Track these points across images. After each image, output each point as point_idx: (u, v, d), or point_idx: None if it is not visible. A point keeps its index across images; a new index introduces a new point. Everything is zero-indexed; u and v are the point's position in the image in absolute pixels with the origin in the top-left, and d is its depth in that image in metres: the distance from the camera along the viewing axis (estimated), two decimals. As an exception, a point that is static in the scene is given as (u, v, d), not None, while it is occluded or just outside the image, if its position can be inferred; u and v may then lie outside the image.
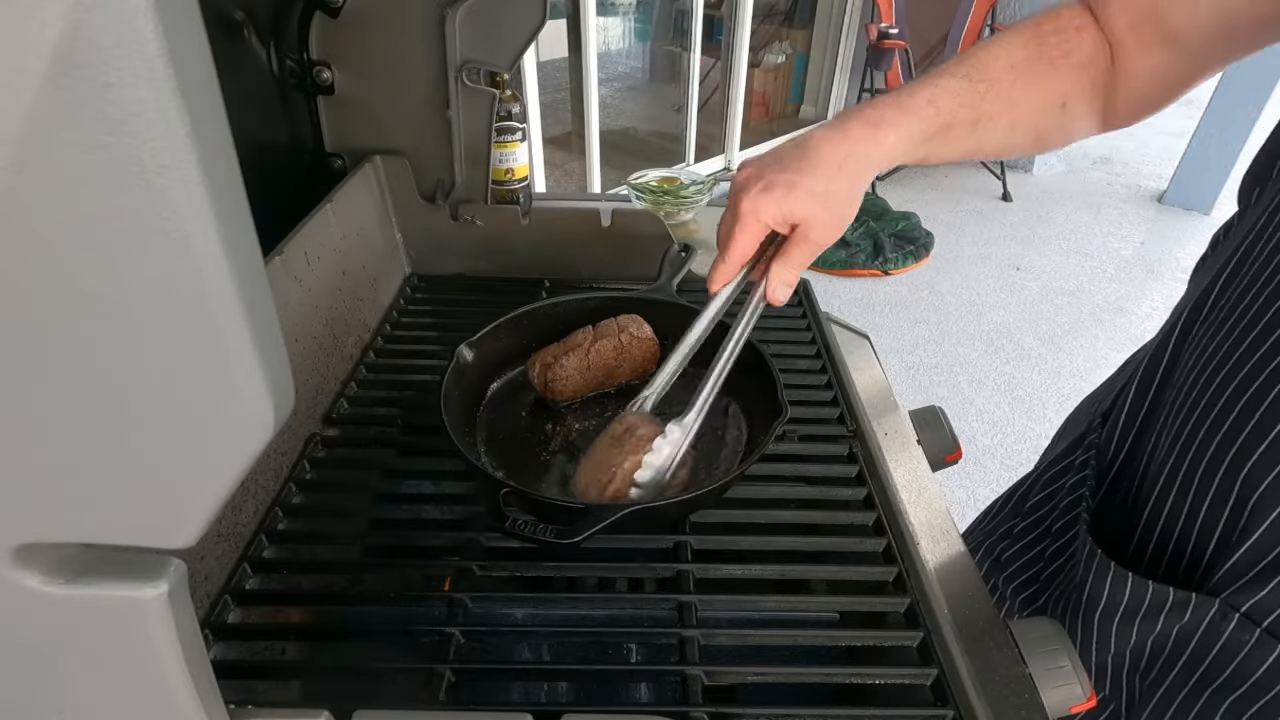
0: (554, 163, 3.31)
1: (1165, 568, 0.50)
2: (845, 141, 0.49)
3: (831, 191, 0.49)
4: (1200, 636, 0.47)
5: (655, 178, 1.13)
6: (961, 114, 0.51)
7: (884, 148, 0.49)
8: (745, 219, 0.50)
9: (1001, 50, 0.53)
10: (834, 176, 0.48)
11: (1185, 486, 0.48)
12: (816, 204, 0.49)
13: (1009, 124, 0.53)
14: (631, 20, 4.00)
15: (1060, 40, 0.52)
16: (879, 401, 0.71)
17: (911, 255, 2.94)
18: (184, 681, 0.27)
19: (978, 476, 1.98)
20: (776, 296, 0.53)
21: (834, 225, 0.50)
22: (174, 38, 0.16)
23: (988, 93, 0.51)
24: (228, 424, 0.21)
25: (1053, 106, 0.53)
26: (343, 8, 0.73)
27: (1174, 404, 0.50)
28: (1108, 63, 0.52)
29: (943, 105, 0.50)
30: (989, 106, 0.52)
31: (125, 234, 0.18)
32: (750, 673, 0.46)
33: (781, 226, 0.51)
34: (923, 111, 0.50)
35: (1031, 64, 0.52)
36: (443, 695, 0.44)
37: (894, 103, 0.50)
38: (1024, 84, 0.52)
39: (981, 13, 3.58)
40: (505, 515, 0.48)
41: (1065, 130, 0.55)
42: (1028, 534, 0.63)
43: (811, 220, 0.49)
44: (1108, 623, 0.51)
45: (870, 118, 0.49)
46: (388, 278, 0.83)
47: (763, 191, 0.49)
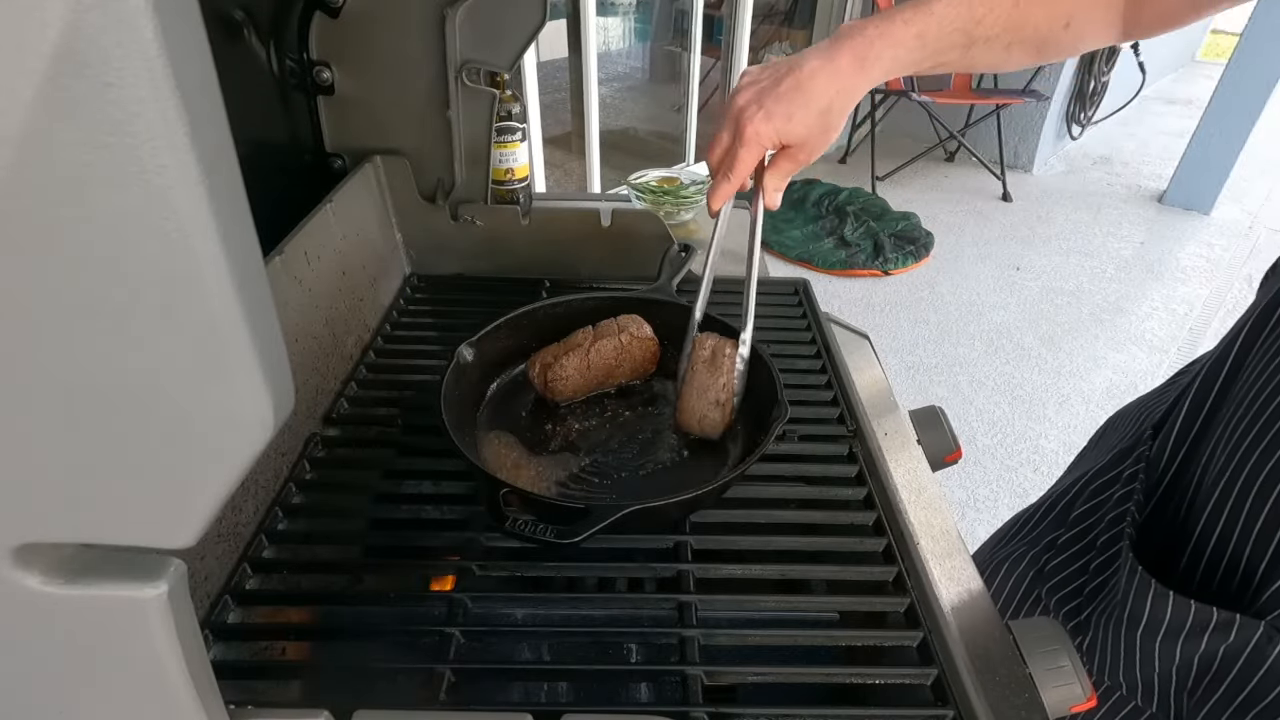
0: (554, 163, 3.31)
1: (1217, 586, 0.49)
2: (836, 77, 0.54)
3: (824, 123, 0.55)
4: (1246, 658, 0.46)
5: (655, 178, 1.13)
6: (953, 40, 0.53)
7: (870, 78, 0.54)
8: (749, 142, 0.55)
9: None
10: (826, 110, 0.54)
11: (1240, 503, 0.47)
12: (810, 130, 0.55)
13: (1005, 44, 0.54)
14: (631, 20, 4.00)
15: None
16: (879, 401, 0.71)
17: (911, 255, 2.94)
18: (184, 681, 0.27)
19: (978, 476, 1.98)
20: (774, 201, 0.60)
21: (822, 145, 0.57)
22: (174, 38, 0.16)
23: (986, 16, 0.52)
24: (228, 424, 0.21)
25: (1056, 26, 0.54)
26: (343, 8, 0.73)
27: (1232, 418, 0.49)
28: None
29: (931, 38, 0.53)
30: (985, 30, 0.53)
31: (125, 234, 0.18)
32: (750, 673, 0.46)
33: (776, 146, 0.57)
34: (909, 44, 0.53)
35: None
36: (443, 695, 0.44)
37: (884, 32, 0.53)
38: (1030, 7, 0.52)
39: (981, 13, 3.58)
40: (505, 515, 0.48)
41: (1070, 46, 0.56)
42: (1072, 545, 0.62)
43: (804, 144, 0.56)
44: (1150, 640, 0.51)
45: (859, 49, 0.54)
46: (388, 278, 0.83)
47: (765, 119, 0.55)
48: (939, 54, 0.54)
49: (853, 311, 2.68)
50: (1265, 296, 0.52)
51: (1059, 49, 0.56)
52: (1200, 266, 3.09)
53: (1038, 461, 2.03)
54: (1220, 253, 3.22)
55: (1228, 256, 3.19)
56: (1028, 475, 1.99)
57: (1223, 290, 2.92)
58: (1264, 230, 3.45)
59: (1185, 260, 3.14)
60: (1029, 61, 0.57)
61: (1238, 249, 3.26)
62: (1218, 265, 3.12)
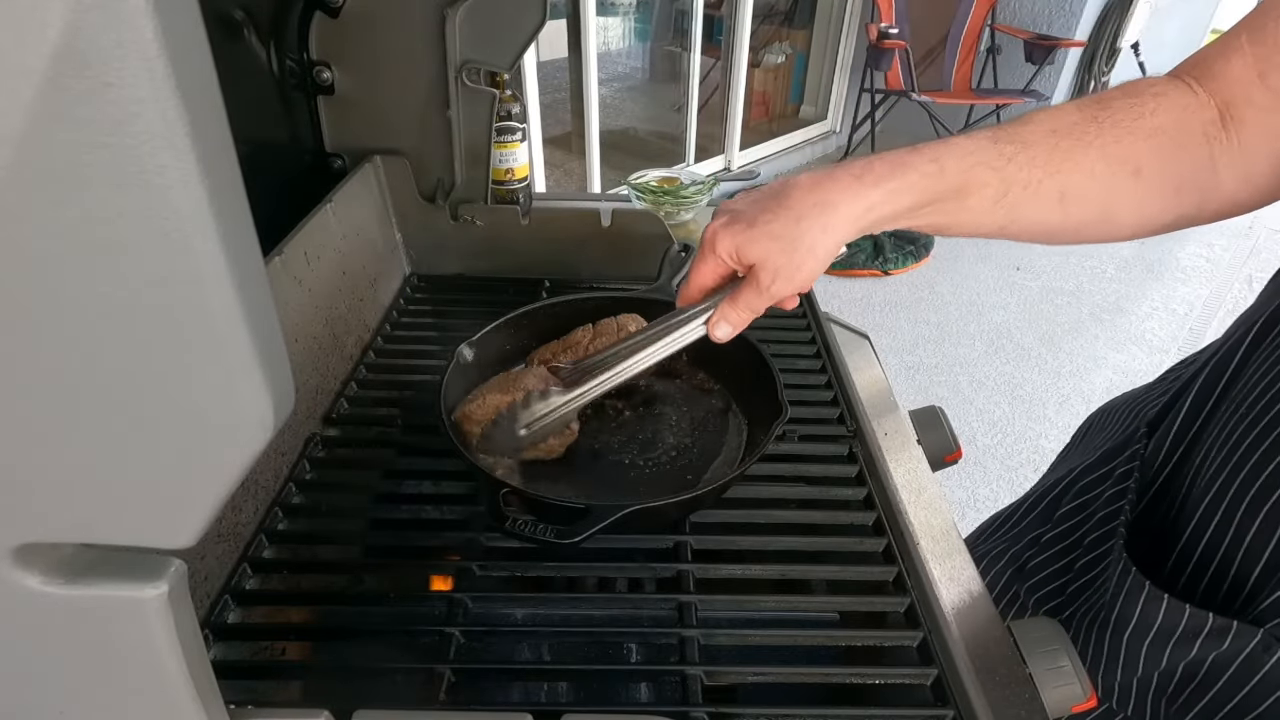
0: (554, 163, 3.31)
1: (1204, 591, 0.47)
2: (821, 189, 0.45)
3: (791, 236, 0.45)
4: (1238, 667, 0.45)
5: (655, 178, 1.13)
6: (979, 175, 0.44)
7: (866, 202, 0.45)
8: (704, 249, 0.49)
9: (1045, 116, 0.46)
10: (797, 221, 0.45)
11: (1234, 506, 0.45)
12: (773, 247, 0.46)
13: (1057, 191, 0.45)
14: (631, 20, 4.00)
15: (1132, 104, 0.44)
16: (879, 401, 0.71)
17: (911, 255, 2.94)
18: (184, 681, 0.27)
19: (978, 476, 1.98)
20: (715, 332, 0.51)
21: (790, 272, 0.47)
22: (174, 38, 0.16)
23: (1018, 154, 0.44)
24: (228, 424, 0.21)
25: (1121, 174, 0.44)
26: (343, 8, 0.73)
27: (1230, 419, 0.47)
28: (1209, 129, 0.44)
29: (949, 164, 0.45)
30: (1020, 172, 0.44)
31: (125, 234, 0.18)
32: (750, 673, 0.46)
33: (738, 265, 0.49)
34: (923, 168, 0.45)
35: (1085, 126, 0.44)
36: (443, 695, 0.44)
37: (892, 157, 0.46)
38: (1074, 148, 0.44)
39: (981, 13, 3.58)
40: (505, 515, 0.48)
41: (1144, 209, 0.46)
42: (1057, 544, 0.60)
43: (765, 263, 0.47)
44: (1137, 644, 0.49)
45: (857, 169, 0.46)
46: (388, 278, 0.83)
47: (726, 225, 0.48)
48: (964, 192, 0.45)
49: (853, 311, 2.68)
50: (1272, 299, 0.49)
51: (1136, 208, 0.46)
52: (1200, 266, 3.09)
53: (1038, 461, 2.03)
54: (1220, 253, 3.22)
55: (1228, 256, 3.19)
56: (1028, 475, 1.99)
57: (1223, 290, 2.92)
58: (1264, 230, 3.45)
59: (1185, 260, 3.14)
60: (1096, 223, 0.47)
61: (1238, 249, 3.26)
62: (1218, 265, 3.12)
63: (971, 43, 3.65)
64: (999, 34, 3.67)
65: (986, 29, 3.65)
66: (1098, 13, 3.59)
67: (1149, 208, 0.46)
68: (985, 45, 3.70)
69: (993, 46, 3.69)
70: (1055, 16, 3.59)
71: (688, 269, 0.65)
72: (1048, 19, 3.62)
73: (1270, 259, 3.21)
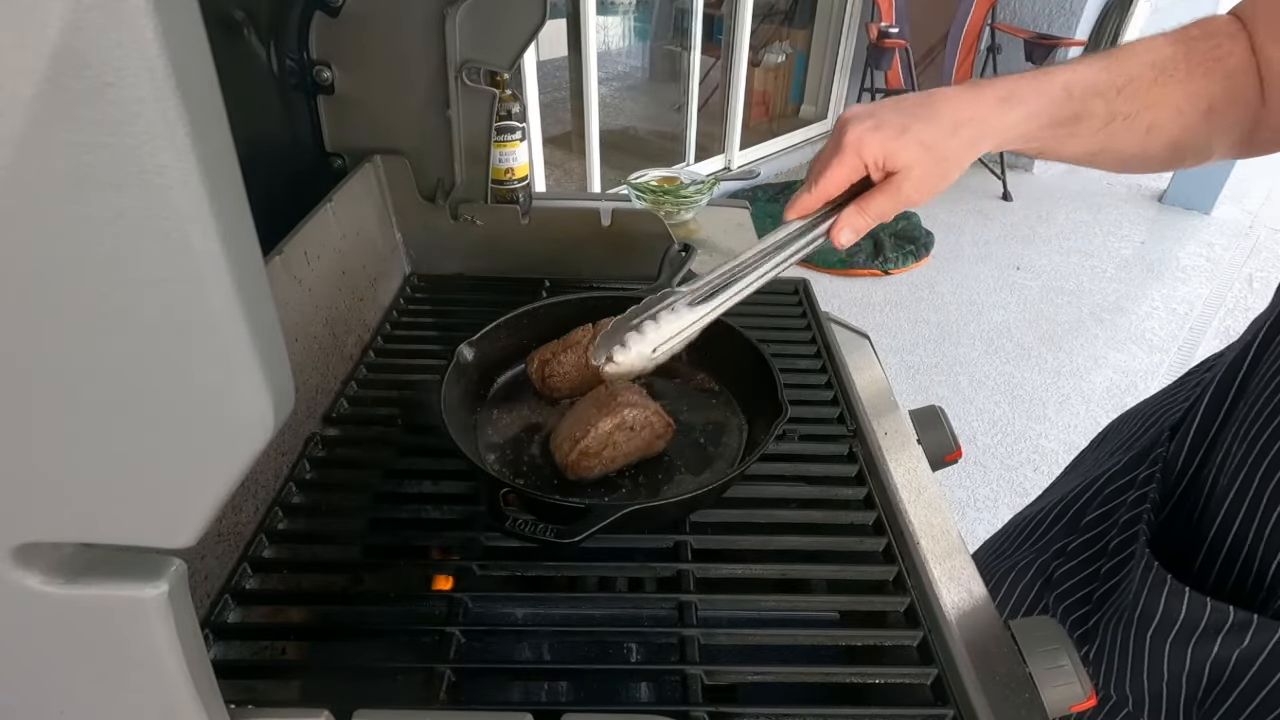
0: (554, 163, 3.31)
1: (1232, 588, 0.48)
2: (972, 105, 0.47)
3: (942, 147, 0.47)
4: (1262, 663, 0.45)
5: (655, 177, 1.13)
6: (1095, 105, 0.48)
7: (1008, 121, 0.47)
8: (846, 152, 0.48)
9: (1144, 48, 0.49)
10: (949, 134, 0.47)
11: (1255, 503, 0.45)
12: (922, 154, 0.47)
13: (1146, 125, 0.49)
14: (631, 20, 4.00)
15: (1211, 45, 0.48)
16: (879, 401, 0.71)
17: (911, 255, 2.94)
18: (184, 681, 0.27)
19: (978, 476, 1.98)
20: (841, 238, 0.51)
21: (931, 182, 0.48)
22: (174, 38, 0.16)
23: (1126, 86, 0.48)
24: (228, 424, 0.21)
25: (1197, 110, 0.49)
26: (343, 8, 0.73)
27: (1247, 415, 0.48)
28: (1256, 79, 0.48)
29: (1076, 92, 0.48)
30: (1125, 104, 0.48)
31: (125, 234, 0.18)
32: (750, 672, 0.46)
33: (877, 170, 0.49)
34: (1056, 94, 0.47)
35: (1178, 63, 0.48)
36: (443, 695, 0.44)
37: (1029, 81, 0.48)
38: (1168, 83, 0.48)
39: (981, 13, 3.58)
40: (505, 515, 0.48)
41: (1207, 143, 0.51)
42: (1083, 551, 0.60)
43: (911, 170, 0.47)
44: (1160, 641, 0.49)
45: (1002, 90, 0.48)
46: (388, 278, 0.83)
47: (873, 129, 0.47)
48: (1079, 118, 0.48)
49: (853, 311, 2.67)
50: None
51: (1199, 144, 0.50)
52: (1200, 266, 3.09)
53: (1038, 461, 2.03)
54: (1220, 252, 3.22)
55: (1228, 256, 3.19)
56: (1028, 475, 1.99)
57: (1223, 290, 2.92)
58: (1264, 230, 3.45)
59: (1185, 260, 3.14)
60: (1166, 154, 0.51)
61: (1238, 249, 3.26)
62: (1218, 265, 3.12)
63: (971, 42, 3.65)
64: (999, 33, 3.66)
65: (986, 28, 3.65)
66: (1098, 12, 3.59)
67: (1209, 140, 0.50)
68: (985, 45, 3.70)
69: (993, 46, 3.69)
70: (1055, 16, 3.59)
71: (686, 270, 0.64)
72: (1048, 18, 3.62)
73: (1270, 259, 3.21)
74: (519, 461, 0.59)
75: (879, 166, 0.48)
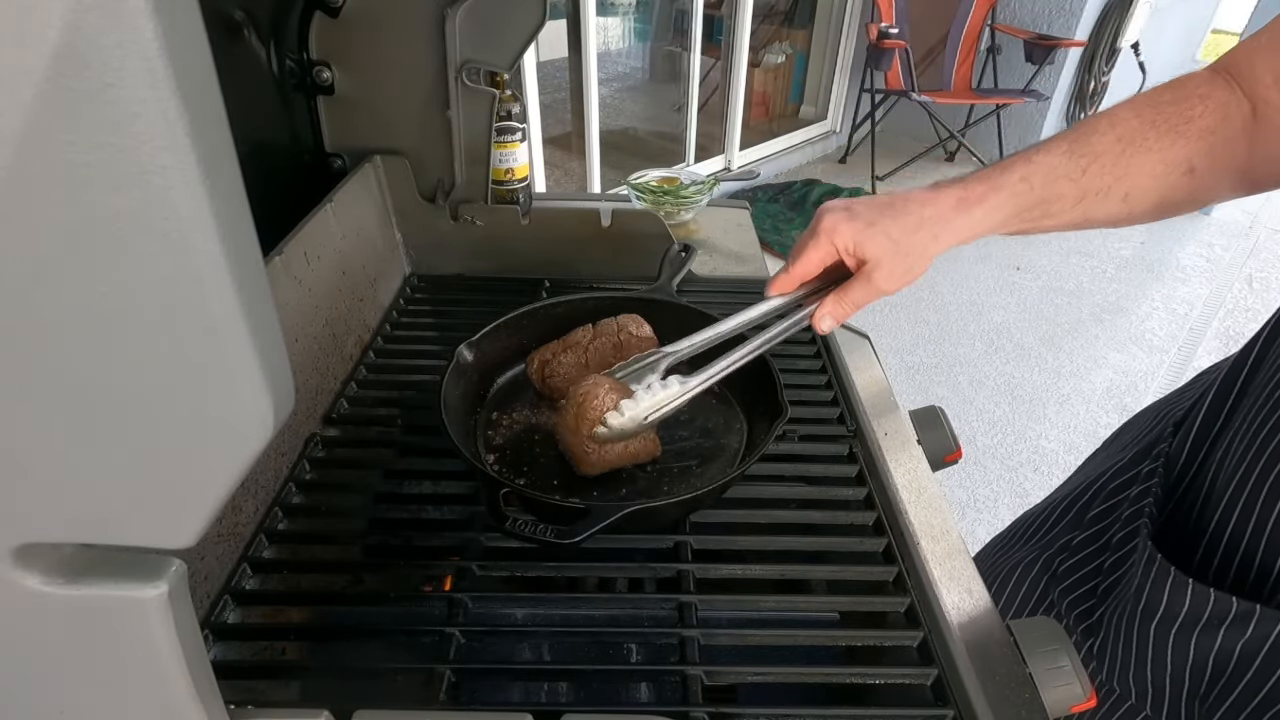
0: (554, 163, 3.31)
1: (1232, 581, 0.48)
2: (934, 205, 0.51)
3: (906, 243, 0.51)
4: (1265, 655, 0.46)
5: (655, 178, 1.13)
6: (1060, 188, 0.50)
7: (968, 220, 0.51)
8: (821, 237, 0.52)
9: (1108, 123, 0.51)
10: (913, 230, 0.51)
11: (1255, 495, 0.46)
12: (889, 247, 0.51)
13: (1122, 194, 0.51)
14: (631, 20, 3.99)
15: (1181, 109, 0.49)
16: (879, 401, 0.71)
17: (911, 255, 2.94)
18: (184, 681, 0.27)
19: (978, 476, 1.98)
20: (821, 325, 0.55)
21: (899, 274, 0.52)
22: (174, 38, 0.16)
23: (1090, 166, 0.50)
24: (228, 424, 0.21)
25: (1176, 173, 0.50)
26: (343, 8, 0.73)
27: (1250, 410, 0.48)
28: (1245, 121, 0.49)
29: (1037, 181, 0.50)
30: (1094, 181, 0.50)
31: (125, 234, 0.18)
32: (750, 673, 0.46)
33: (850, 258, 0.53)
34: (1015, 188, 0.50)
35: (1145, 132, 0.50)
36: (443, 695, 0.44)
37: (986, 179, 0.51)
38: (1137, 154, 0.50)
39: (981, 13, 3.58)
40: (505, 515, 0.48)
41: (1196, 196, 0.52)
42: (1087, 546, 0.61)
43: (879, 262, 0.51)
44: (1164, 633, 0.50)
45: (960, 192, 0.51)
46: (388, 278, 0.83)
47: (846, 219, 0.52)
48: (1047, 202, 0.51)
49: (853, 311, 2.67)
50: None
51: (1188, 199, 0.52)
52: (1200, 266, 3.09)
53: (1038, 461, 2.03)
54: (1220, 253, 3.22)
55: (1228, 256, 3.19)
56: (1028, 475, 1.99)
57: (1223, 290, 2.92)
58: (1264, 230, 3.45)
59: (1185, 260, 3.14)
60: (1152, 212, 0.52)
61: (1238, 249, 3.27)
62: (1218, 265, 3.12)
63: (971, 42, 3.65)
64: (999, 34, 3.67)
65: (986, 29, 3.65)
66: (1098, 13, 3.59)
67: (1200, 195, 0.52)
68: (985, 45, 3.70)
69: (993, 46, 3.69)
70: (1055, 16, 3.60)
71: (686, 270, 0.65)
72: (1048, 19, 3.62)
73: (1270, 259, 3.21)
74: (519, 462, 0.59)
75: (849, 253, 0.52)
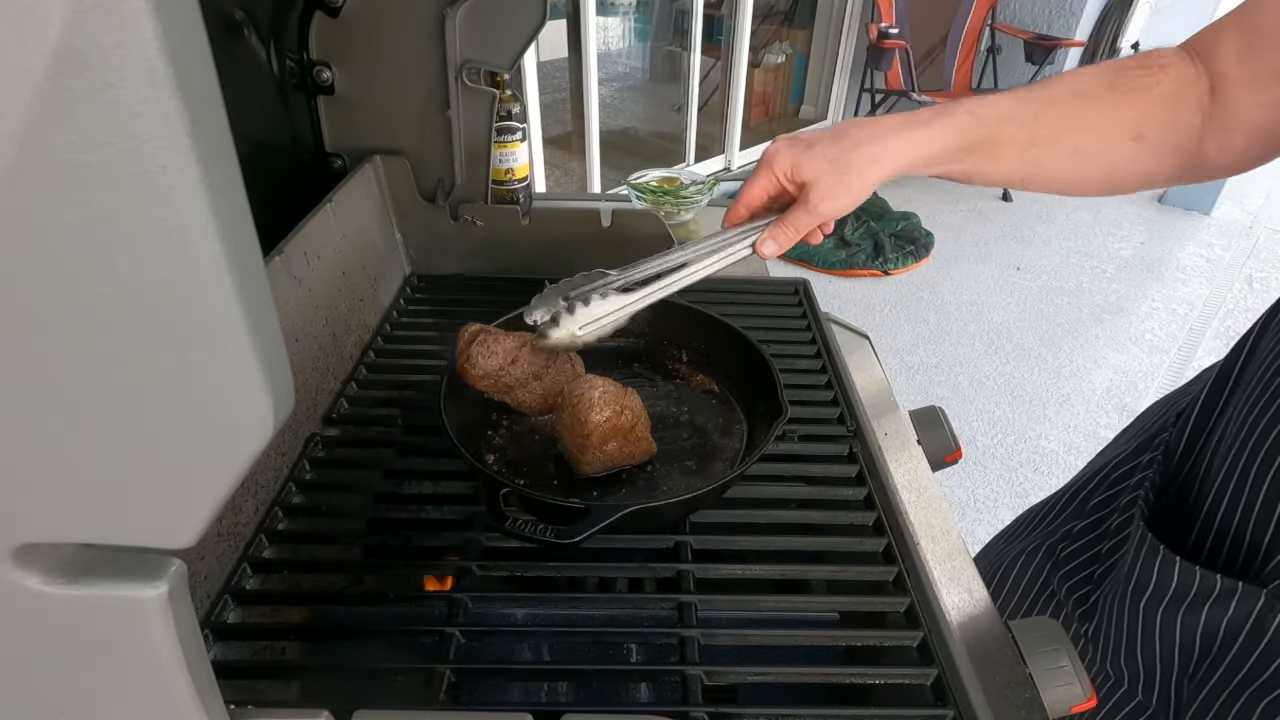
0: (554, 163, 3.31)
1: (1223, 561, 0.49)
2: (874, 127, 0.51)
3: (844, 160, 0.51)
4: (1248, 632, 0.47)
5: (655, 178, 1.13)
6: (1009, 130, 0.50)
7: (908, 140, 0.51)
8: (762, 166, 0.54)
9: (1069, 77, 0.51)
10: (850, 149, 0.51)
11: (1244, 477, 0.47)
12: (825, 166, 0.51)
13: (1071, 148, 0.51)
14: (631, 20, 3.99)
15: (1142, 73, 0.49)
16: (879, 401, 0.71)
17: (911, 255, 2.94)
18: (184, 681, 0.27)
19: (978, 476, 1.98)
20: (764, 249, 0.56)
21: (838, 193, 0.51)
22: (174, 38, 0.16)
23: (1043, 112, 0.50)
24: (228, 424, 0.21)
25: (1125, 136, 0.50)
26: (343, 8, 0.73)
27: (1243, 396, 0.50)
28: (1203, 100, 0.48)
29: (984, 115, 0.50)
30: (1045, 128, 0.50)
31: (125, 234, 0.18)
32: (750, 673, 0.46)
33: (790, 184, 0.53)
34: (960, 117, 0.50)
35: (1102, 91, 0.50)
36: (443, 695, 0.44)
37: (934, 109, 0.52)
38: (1090, 109, 0.50)
39: (981, 13, 3.58)
40: (505, 515, 0.48)
41: (1142, 167, 0.51)
42: (1087, 533, 0.62)
43: (816, 181, 0.52)
44: (1152, 610, 0.51)
45: (907, 116, 0.52)
46: (388, 278, 0.83)
47: (787, 146, 0.53)
48: (995, 143, 0.50)
49: (853, 311, 2.67)
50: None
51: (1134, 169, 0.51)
52: (1200, 266, 3.09)
53: (1038, 461, 2.03)
54: (1220, 253, 3.22)
55: (1228, 256, 3.19)
56: (1028, 475, 1.99)
57: (1223, 290, 2.92)
58: (1264, 230, 3.45)
59: (1185, 260, 3.14)
60: (1099, 178, 0.52)
61: (1238, 249, 3.26)
62: (1218, 265, 3.12)
63: (972, 43, 3.65)
64: (999, 34, 3.67)
65: (986, 29, 3.65)
66: (1098, 13, 3.59)
67: (1145, 165, 0.51)
68: (985, 45, 3.70)
69: (993, 46, 3.69)
70: (1055, 16, 3.60)
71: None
72: (1048, 19, 3.62)
73: (1270, 259, 3.21)
74: (519, 462, 0.59)
75: (788, 177, 0.53)
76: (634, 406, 0.56)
